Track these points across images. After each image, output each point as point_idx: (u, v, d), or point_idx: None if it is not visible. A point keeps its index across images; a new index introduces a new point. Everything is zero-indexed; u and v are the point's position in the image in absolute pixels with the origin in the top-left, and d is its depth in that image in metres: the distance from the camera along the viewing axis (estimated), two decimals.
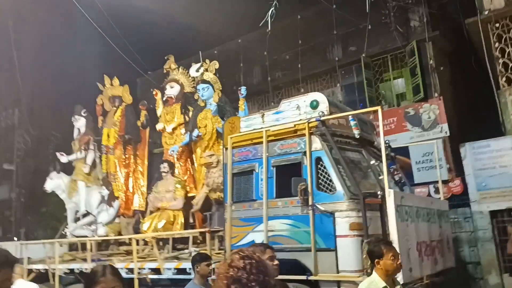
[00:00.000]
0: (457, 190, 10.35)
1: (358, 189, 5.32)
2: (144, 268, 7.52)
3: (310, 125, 5.82)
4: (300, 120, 6.07)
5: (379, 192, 5.62)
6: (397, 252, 3.34)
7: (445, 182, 10.26)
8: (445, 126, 10.66)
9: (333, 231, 5.35)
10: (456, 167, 10.45)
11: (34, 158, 19.02)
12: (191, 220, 8.99)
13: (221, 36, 14.83)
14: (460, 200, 10.10)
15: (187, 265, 7.05)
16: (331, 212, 5.42)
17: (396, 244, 4.96)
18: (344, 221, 5.31)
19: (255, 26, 14.51)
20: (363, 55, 11.69)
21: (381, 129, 5.18)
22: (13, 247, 9.81)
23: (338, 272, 5.24)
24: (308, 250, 5.45)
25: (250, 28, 14.34)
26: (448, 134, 10.60)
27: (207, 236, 6.75)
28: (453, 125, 10.80)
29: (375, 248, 3.32)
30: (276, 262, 3.13)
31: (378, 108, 5.32)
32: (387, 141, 7.58)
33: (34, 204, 19.52)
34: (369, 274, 3.39)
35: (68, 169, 12.16)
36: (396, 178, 7.88)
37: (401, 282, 4.95)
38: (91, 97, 11.99)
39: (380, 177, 6.19)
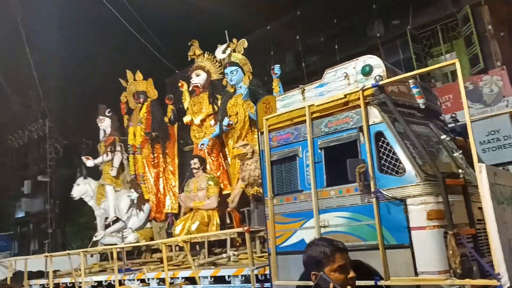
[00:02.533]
0: None
1: (435, 168, 4.15)
2: (177, 278, 6.59)
3: (365, 93, 4.69)
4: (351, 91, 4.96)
5: (460, 171, 4.46)
6: None
7: None
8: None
9: (406, 223, 4.19)
10: None
11: (66, 167, 18.74)
12: (228, 221, 8.01)
13: (249, 24, 13.87)
14: None
15: (225, 272, 6.07)
16: (400, 199, 4.27)
17: (494, 234, 3.80)
18: (419, 208, 4.15)
19: (284, 11, 13.56)
20: (409, 27, 10.39)
21: (461, 87, 3.99)
22: (40, 260, 9.18)
23: (416, 274, 4.08)
24: (375, 248, 4.33)
25: (279, 13, 13.36)
26: None
27: (247, 236, 5.72)
28: None
29: None
30: (351, 274, 2.06)
31: (456, 61, 4.13)
32: (454, 114, 6.41)
33: (69, 214, 19.28)
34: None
35: (96, 174, 11.51)
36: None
37: (506, 286, 3.78)
38: (117, 97, 11.32)
39: (455, 154, 5.01)
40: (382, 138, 4.59)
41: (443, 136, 5.17)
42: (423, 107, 5.12)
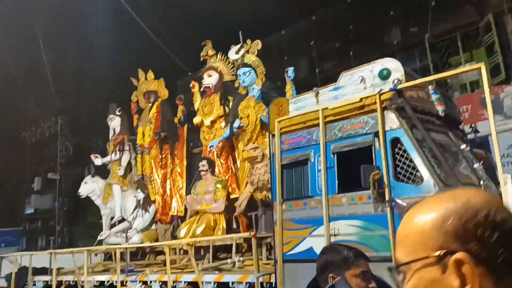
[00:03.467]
0: None
1: (455, 178, 3.92)
2: (180, 281, 6.41)
3: (383, 97, 4.49)
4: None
5: (481, 182, 4.22)
6: None
7: None
8: None
9: None
10: None
11: (76, 166, 18.78)
12: (234, 226, 7.81)
13: (263, 29, 13.74)
14: None
15: (229, 278, 5.87)
16: None
17: None
18: None
19: (299, 16, 13.40)
20: (427, 35, 10.14)
21: (487, 92, 3.77)
22: (44, 257, 9.08)
23: None
24: (387, 260, 4.07)
25: (294, 18, 13.21)
26: None
27: (253, 242, 5.52)
28: None
29: None
30: (373, 284, 1.86)
31: (482, 65, 3.91)
32: (473, 125, 6.17)
33: (78, 213, 19.29)
34: None
35: (106, 173, 11.42)
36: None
37: None
38: (129, 97, 11.26)
39: (475, 166, 4.75)
40: (399, 145, 4.37)
41: (463, 146, 4.91)
42: (443, 114, 4.90)
